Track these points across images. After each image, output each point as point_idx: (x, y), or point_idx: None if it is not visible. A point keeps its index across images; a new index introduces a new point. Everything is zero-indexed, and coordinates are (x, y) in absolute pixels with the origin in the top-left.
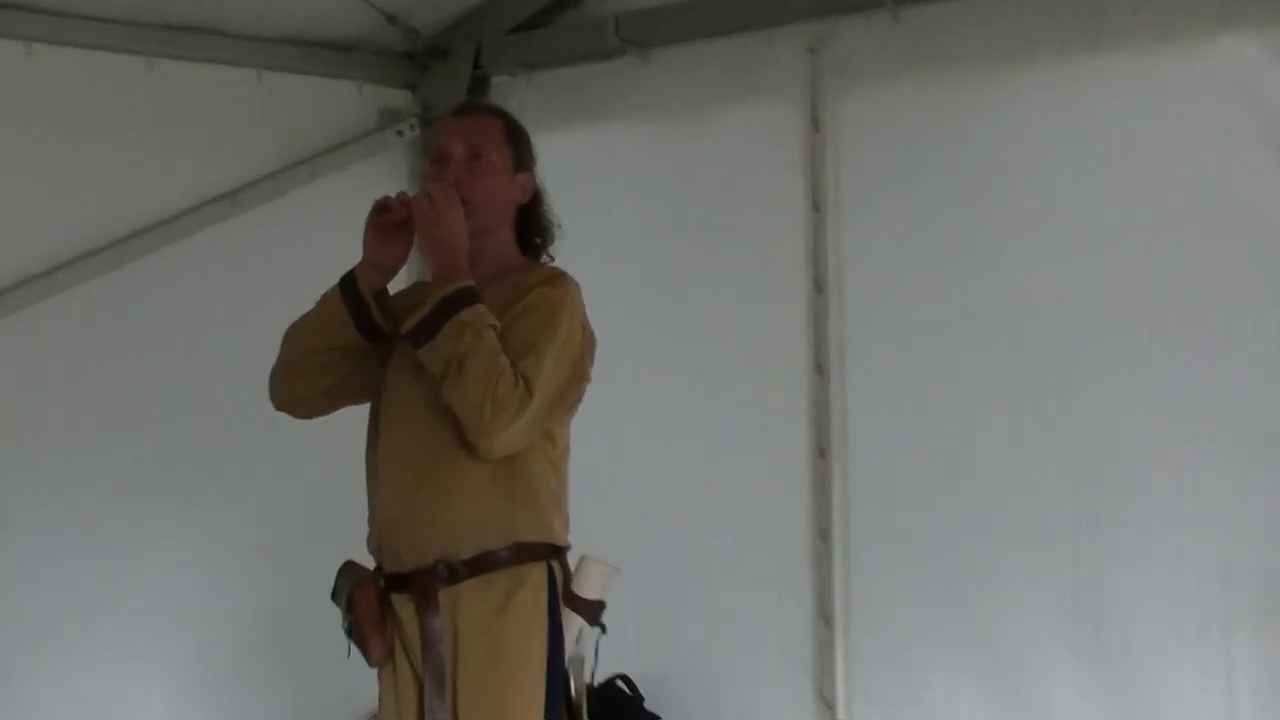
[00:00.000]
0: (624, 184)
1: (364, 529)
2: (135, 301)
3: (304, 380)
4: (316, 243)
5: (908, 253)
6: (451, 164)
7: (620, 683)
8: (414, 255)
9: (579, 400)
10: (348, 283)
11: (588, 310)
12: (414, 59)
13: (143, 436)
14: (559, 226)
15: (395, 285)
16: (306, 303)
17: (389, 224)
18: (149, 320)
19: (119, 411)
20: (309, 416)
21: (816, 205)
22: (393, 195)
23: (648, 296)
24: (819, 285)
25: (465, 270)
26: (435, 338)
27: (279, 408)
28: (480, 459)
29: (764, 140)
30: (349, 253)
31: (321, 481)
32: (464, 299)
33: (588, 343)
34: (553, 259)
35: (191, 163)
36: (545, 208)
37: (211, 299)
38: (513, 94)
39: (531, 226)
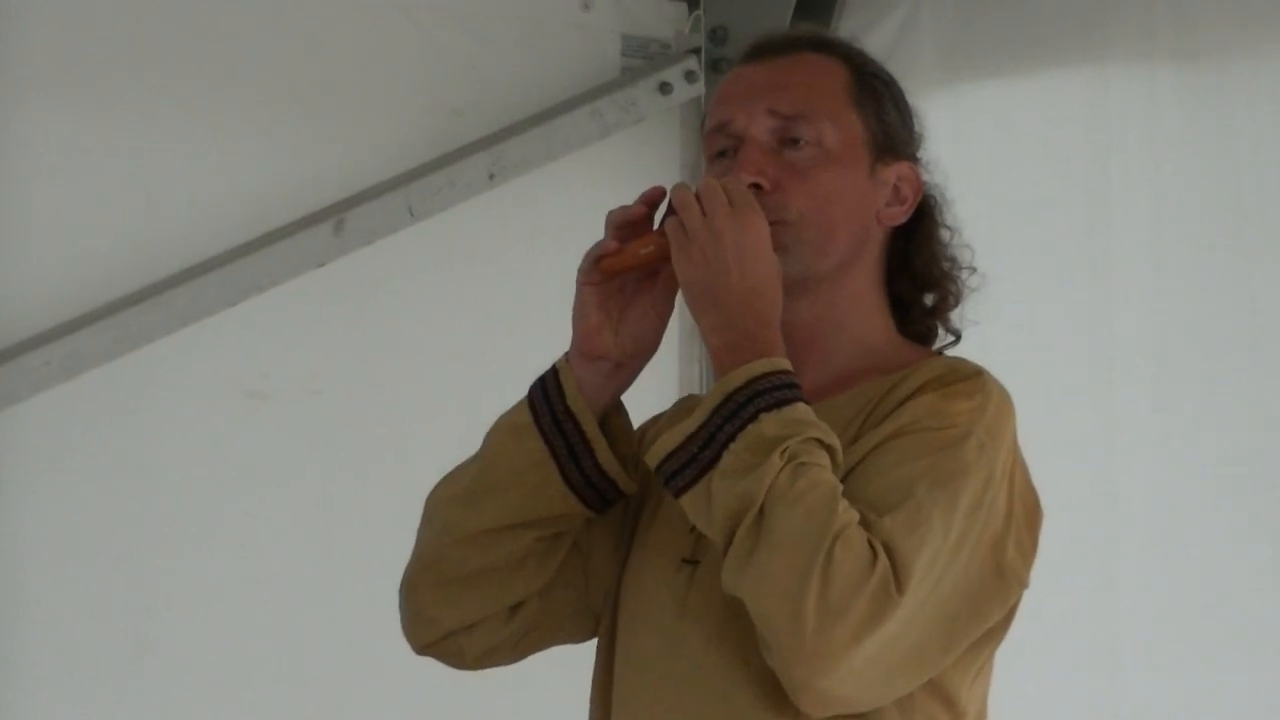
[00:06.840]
0: (1122, 167)
1: None
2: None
3: (470, 592)
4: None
5: None
6: (747, 152)
7: None
8: (678, 331)
9: (1005, 626)
10: (546, 396)
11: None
12: None
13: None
14: (972, 269)
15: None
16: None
17: (619, 270)
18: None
19: None
20: (477, 664)
21: None
22: (629, 207)
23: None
24: None
25: (771, 338)
26: (711, 471)
27: (421, 646)
28: None
29: None
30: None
31: None
32: (768, 392)
33: (1027, 510)
34: (957, 337)
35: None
36: (944, 230)
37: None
38: (889, 14)
39: (915, 271)
